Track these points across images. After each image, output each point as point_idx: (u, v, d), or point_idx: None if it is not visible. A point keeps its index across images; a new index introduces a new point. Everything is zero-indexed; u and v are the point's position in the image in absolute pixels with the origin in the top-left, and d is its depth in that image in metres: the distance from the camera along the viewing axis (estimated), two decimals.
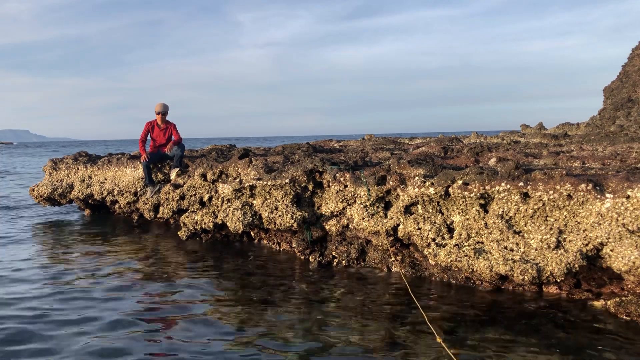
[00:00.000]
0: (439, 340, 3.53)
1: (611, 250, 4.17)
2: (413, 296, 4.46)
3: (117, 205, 9.37)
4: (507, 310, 4.39)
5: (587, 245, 4.29)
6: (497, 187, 4.86)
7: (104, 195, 9.19)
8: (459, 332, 3.91)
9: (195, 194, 7.70)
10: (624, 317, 4.13)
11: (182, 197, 7.89)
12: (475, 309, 4.44)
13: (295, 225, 6.17)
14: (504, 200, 4.79)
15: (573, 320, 4.15)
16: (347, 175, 6.10)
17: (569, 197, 4.48)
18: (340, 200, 6.04)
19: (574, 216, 4.46)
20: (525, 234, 4.65)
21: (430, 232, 5.13)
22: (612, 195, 4.27)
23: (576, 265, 4.28)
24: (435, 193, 5.20)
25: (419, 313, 4.21)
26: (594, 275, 4.62)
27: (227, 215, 6.58)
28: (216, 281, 5.35)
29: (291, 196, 6.30)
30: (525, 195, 4.72)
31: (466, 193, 5.01)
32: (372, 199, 5.72)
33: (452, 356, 3.36)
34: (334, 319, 4.24)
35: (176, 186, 8.08)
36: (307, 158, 6.94)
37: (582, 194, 4.42)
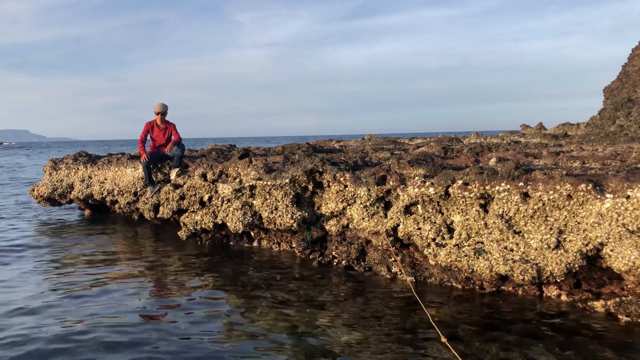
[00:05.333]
0: (443, 339, 3.52)
1: (611, 250, 4.17)
2: (417, 295, 4.46)
3: (117, 205, 9.37)
4: (507, 310, 4.39)
5: (587, 245, 4.28)
6: (497, 187, 4.86)
7: (104, 195, 9.19)
8: (460, 332, 3.91)
9: (195, 194, 7.70)
10: (624, 317, 4.13)
11: (182, 197, 7.89)
12: (476, 308, 4.44)
13: (295, 225, 6.17)
14: (504, 200, 4.79)
15: (573, 320, 4.16)
16: (347, 175, 6.10)
17: (569, 197, 4.48)
18: (340, 200, 6.03)
19: (574, 216, 4.45)
20: (525, 234, 4.65)
21: (430, 232, 5.13)
22: (612, 195, 4.27)
23: (576, 266, 4.28)
24: (435, 193, 5.20)
25: (420, 313, 4.21)
26: (594, 275, 4.62)
27: (227, 215, 6.58)
28: (215, 281, 5.35)
29: (291, 196, 6.30)
30: (525, 195, 4.72)
31: (466, 193, 5.01)
32: (372, 199, 5.72)
33: (457, 356, 3.36)
34: (335, 318, 4.23)
35: (176, 186, 8.08)
36: (307, 158, 6.94)
37: (582, 194, 4.42)
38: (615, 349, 3.60)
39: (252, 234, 7.16)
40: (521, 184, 4.74)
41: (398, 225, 5.49)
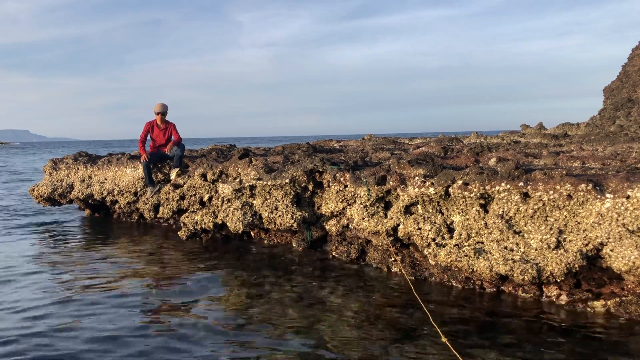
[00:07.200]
0: (443, 339, 3.52)
1: (611, 250, 4.17)
2: (417, 295, 4.46)
3: (117, 205, 9.37)
4: (508, 309, 4.39)
5: (587, 245, 4.29)
6: (497, 187, 4.86)
7: (104, 195, 9.19)
8: (460, 332, 3.91)
9: (195, 194, 7.70)
10: (624, 317, 4.13)
11: (182, 197, 7.89)
12: (476, 308, 4.44)
13: (295, 225, 6.17)
14: (504, 200, 4.79)
15: (574, 319, 4.16)
16: (347, 175, 6.10)
17: (569, 197, 4.48)
18: (340, 200, 6.03)
19: (574, 216, 4.46)
20: (525, 234, 4.65)
21: (430, 232, 5.13)
22: (612, 195, 4.27)
23: (576, 265, 4.28)
24: (435, 193, 5.20)
25: (420, 312, 4.21)
26: (594, 275, 4.62)
27: (227, 215, 6.58)
28: (215, 281, 5.35)
29: (291, 196, 6.30)
30: (525, 195, 4.72)
31: (466, 193, 5.01)
32: (372, 199, 5.72)
33: (458, 355, 3.35)
34: (335, 317, 4.23)
35: (176, 186, 8.08)
36: (307, 158, 6.94)
37: (582, 194, 4.42)
38: (615, 348, 3.60)
39: (252, 233, 7.16)
40: (521, 184, 4.74)
41: (398, 225, 5.49)
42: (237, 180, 6.95)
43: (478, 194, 4.95)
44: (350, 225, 6.02)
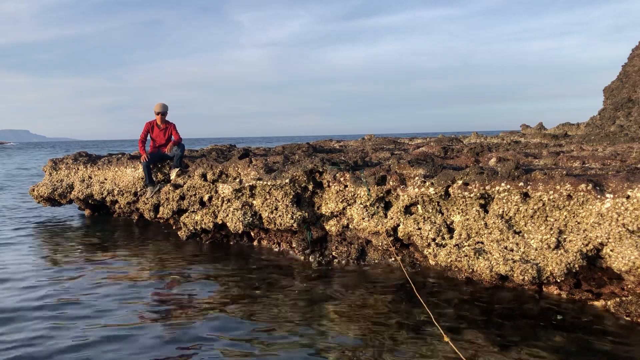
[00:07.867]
0: (446, 339, 3.52)
1: (611, 251, 4.17)
2: (418, 295, 4.46)
3: (117, 205, 9.37)
4: (509, 309, 4.39)
5: (587, 245, 4.29)
6: (497, 187, 4.86)
7: (104, 196, 9.19)
8: (462, 331, 3.91)
9: (195, 194, 7.70)
10: (624, 317, 4.13)
11: (182, 197, 7.89)
12: (477, 308, 4.44)
13: (295, 225, 6.17)
14: (504, 201, 4.79)
15: (574, 318, 4.16)
16: (347, 175, 6.10)
17: (569, 197, 4.48)
18: (340, 200, 6.04)
19: (574, 216, 4.46)
20: (525, 234, 4.65)
21: (430, 232, 5.13)
22: (612, 196, 4.27)
23: (576, 266, 4.28)
24: (435, 193, 5.20)
25: (421, 312, 4.21)
26: (594, 275, 4.62)
27: (227, 215, 6.58)
28: (216, 281, 5.35)
29: (291, 196, 6.30)
30: (525, 196, 4.72)
31: (466, 193, 5.01)
32: (372, 199, 5.72)
33: (460, 355, 3.35)
34: (336, 316, 4.23)
35: (176, 186, 8.08)
36: (307, 158, 6.94)
37: (582, 194, 4.42)
38: (615, 348, 3.60)
39: (252, 234, 7.16)
40: (521, 184, 4.74)
41: (398, 225, 5.49)
42: (237, 180, 6.95)
43: (478, 194, 4.95)
44: (350, 226, 6.02)
